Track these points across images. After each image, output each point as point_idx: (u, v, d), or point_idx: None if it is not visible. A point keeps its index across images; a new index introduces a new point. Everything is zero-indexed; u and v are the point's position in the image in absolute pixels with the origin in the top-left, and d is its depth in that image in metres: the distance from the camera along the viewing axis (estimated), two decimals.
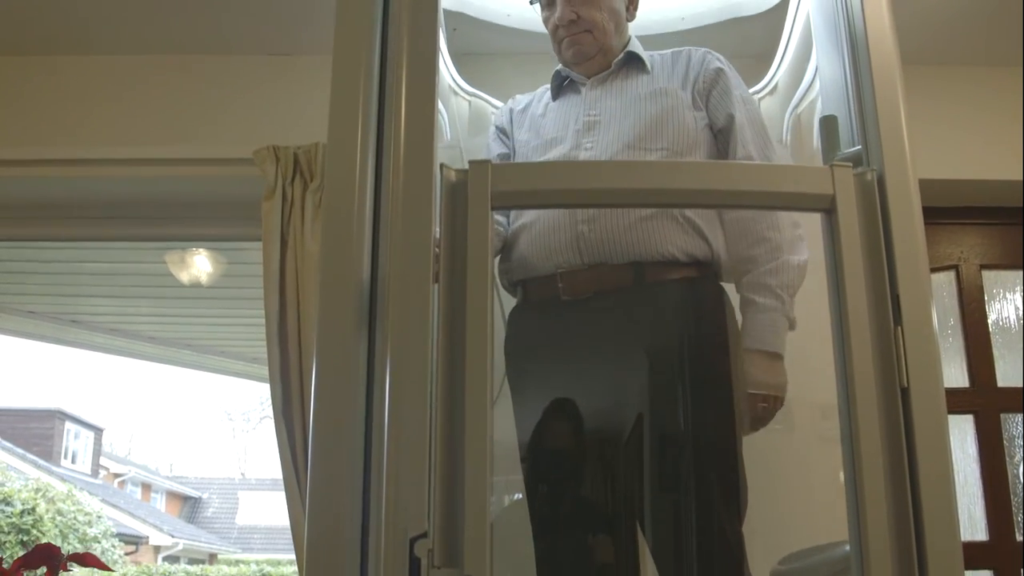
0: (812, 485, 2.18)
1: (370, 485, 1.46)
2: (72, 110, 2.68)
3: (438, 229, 1.48)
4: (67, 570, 2.46)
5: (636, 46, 2.23)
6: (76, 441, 19.21)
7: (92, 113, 2.67)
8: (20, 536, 7.64)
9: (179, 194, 2.73)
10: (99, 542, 9.15)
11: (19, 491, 8.95)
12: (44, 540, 7.72)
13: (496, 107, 2.57)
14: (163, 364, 4.72)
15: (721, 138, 2.10)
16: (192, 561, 17.68)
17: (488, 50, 2.67)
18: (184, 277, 3.69)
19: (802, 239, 2.02)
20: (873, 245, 1.47)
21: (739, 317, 2.01)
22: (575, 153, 2.09)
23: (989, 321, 2.83)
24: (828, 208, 1.50)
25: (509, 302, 2.16)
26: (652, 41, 2.46)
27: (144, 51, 2.72)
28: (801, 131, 2.39)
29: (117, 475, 20.45)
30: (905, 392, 1.40)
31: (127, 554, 12.00)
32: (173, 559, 16.81)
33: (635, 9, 2.26)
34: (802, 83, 2.35)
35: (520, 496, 2.08)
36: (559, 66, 2.26)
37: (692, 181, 1.57)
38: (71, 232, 2.85)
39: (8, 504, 7.64)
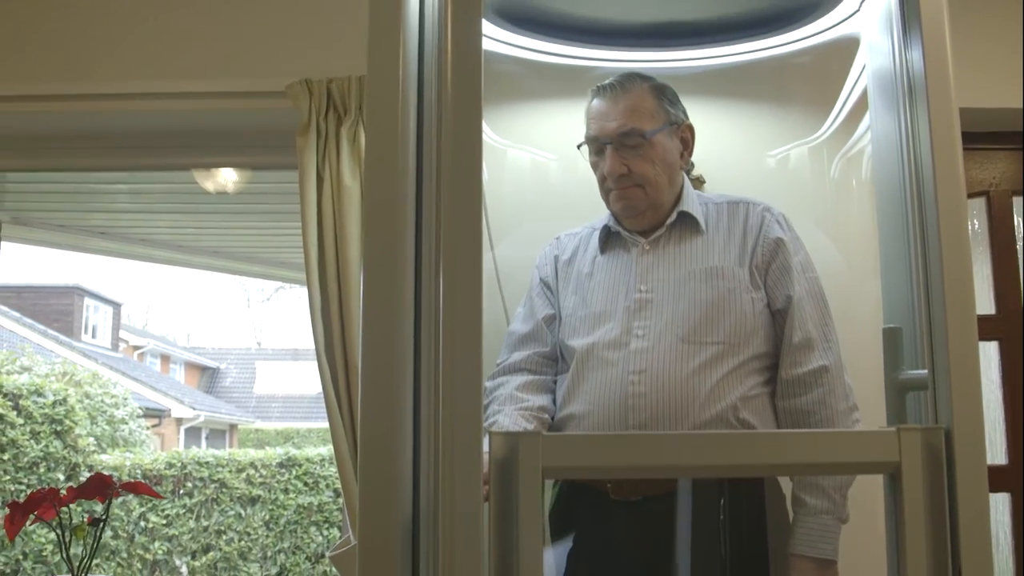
0: None
1: (420, 433, 1.53)
2: (108, 45, 2.65)
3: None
4: (119, 496, 2.56)
5: (690, 201, 2.11)
6: (96, 315, 19.48)
7: (127, 47, 2.65)
8: (54, 427, 7.84)
9: (212, 125, 2.73)
10: (126, 423, 9.39)
11: (47, 377, 9.16)
12: (76, 430, 7.93)
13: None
14: (194, 269, 4.78)
15: (779, 318, 2.04)
16: (213, 431, 18.13)
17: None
18: (210, 186, 3.71)
19: (857, 422, 1.98)
20: (937, 510, 1.44)
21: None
22: (626, 339, 2.00)
23: (1018, 248, 2.85)
24: (893, 472, 1.46)
25: None
26: (713, 80, 2.47)
27: None
28: (849, 169, 2.42)
29: (136, 348, 20.80)
30: None
31: (151, 427, 12.31)
32: (195, 430, 17.25)
33: (690, 155, 2.14)
34: (854, 134, 2.37)
35: None
36: (608, 220, 2.16)
37: (754, 455, 1.51)
38: (103, 163, 2.86)
39: (40, 395, 7.82)
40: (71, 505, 2.49)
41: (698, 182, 2.54)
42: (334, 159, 2.47)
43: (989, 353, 2.80)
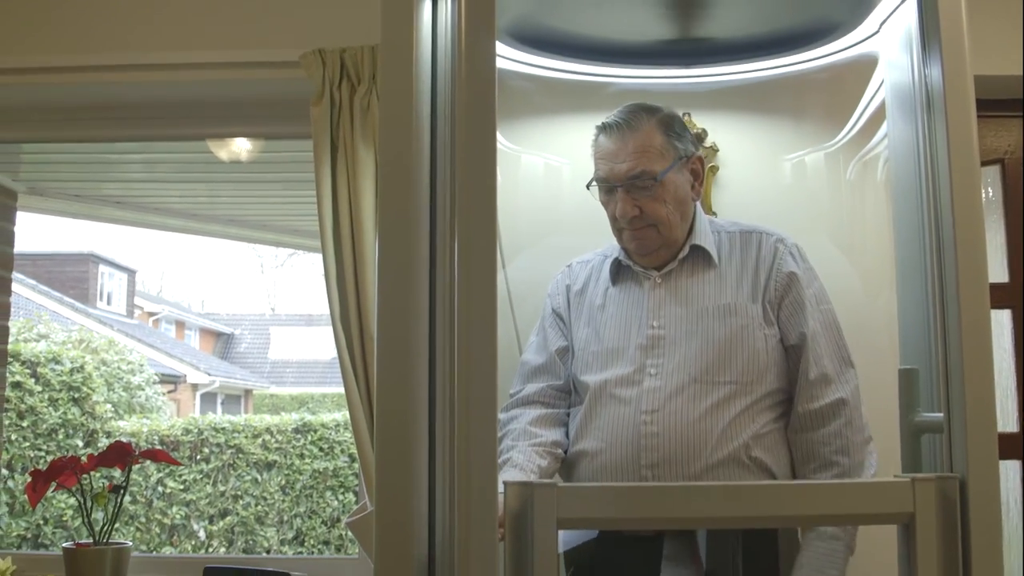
0: None
1: (435, 394, 1.55)
2: (123, 18, 2.67)
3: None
4: (139, 463, 2.60)
5: (703, 233, 2.10)
6: (111, 282, 19.58)
7: (142, 20, 2.66)
8: (71, 394, 7.92)
9: (227, 96, 2.75)
10: (143, 389, 9.47)
11: (64, 344, 9.23)
12: (94, 396, 8.00)
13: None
14: (208, 237, 4.81)
15: (792, 354, 2.03)
16: (228, 397, 18.26)
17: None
18: (224, 155, 3.72)
19: (871, 454, 1.97)
20: (951, 560, 1.44)
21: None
22: (639, 377, 2.01)
23: None
24: (907, 523, 1.46)
25: None
26: (732, 95, 2.50)
27: None
28: (865, 173, 2.43)
29: (151, 314, 20.90)
30: None
31: (167, 393, 12.41)
32: (210, 395, 17.38)
33: (701, 185, 2.12)
34: (871, 141, 2.38)
35: None
36: (619, 253, 2.15)
37: (768, 507, 1.52)
38: (118, 133, 2.89)
39: (58, 363, 7.89)
40: (91, 472, 2.54)
41: (712, 170, 2.56)
42: (348, 128, 2.48)
43: (1002, 321, 2.81)
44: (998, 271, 2.82)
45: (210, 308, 26.40)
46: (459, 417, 1.42)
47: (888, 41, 2.03)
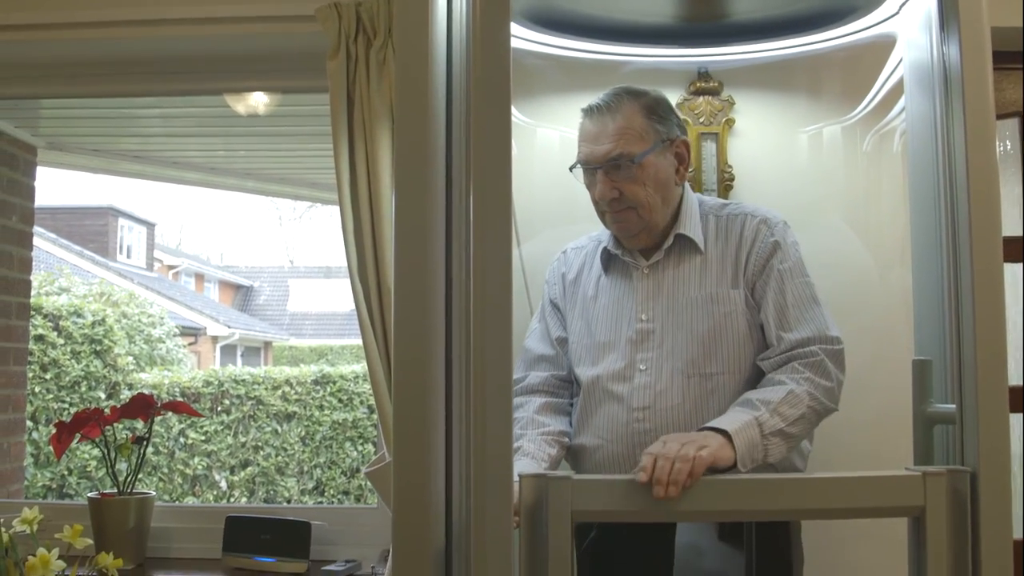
0: None
1: (452, 346, 1.57)
2: None
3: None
4: (161, 415, 2.64)
5: (689, 220, 2.09)
6: (130, 236, 19.69)
7: None
8: (93, 346, 8.00)
9: (243, 50, 2.75)
10: (164, 342, 9.56)
11: (85, 298, 9.31)
12: (115, 349, 8.08)
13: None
14: (226, 191, 4.83)
15: (764, 326, 2.03)
16: (248, 349, 18.41)
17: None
18: (241, 109, 3.73)
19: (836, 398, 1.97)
20: (960, 553, 1.45)
21: None
22: (629, 373, 2.04)
23: None
24: (917, 516, 1.48)
25: None
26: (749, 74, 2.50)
27: None
28: (881, 143, 2.42)
29: (171, 267, 21.04)
30: None
31: (187, 345, 12.51)
32: (230, 347, 17.52)
33: (686, 170, 2.11)
34: (888, 115, 2.37)
35: None
36: (609, 242, 2.15)
37: (779, 500, 1.56)
38: (136, 88, 2.90)
39: (79, 316, 7.96)
40: (115, 424, 2.58)
41: (729, 123, 2.57)
42: (364, 82, 2.48)
43: (1016, 275, 2.80)
44: (1014, 225, 2.81)
45: (229, 261, 26.55)
46: (475, 379, 1.45)
47: (908, 21, 2.03)
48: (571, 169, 2.12)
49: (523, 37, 2.45)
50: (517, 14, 2.32)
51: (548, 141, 2.65)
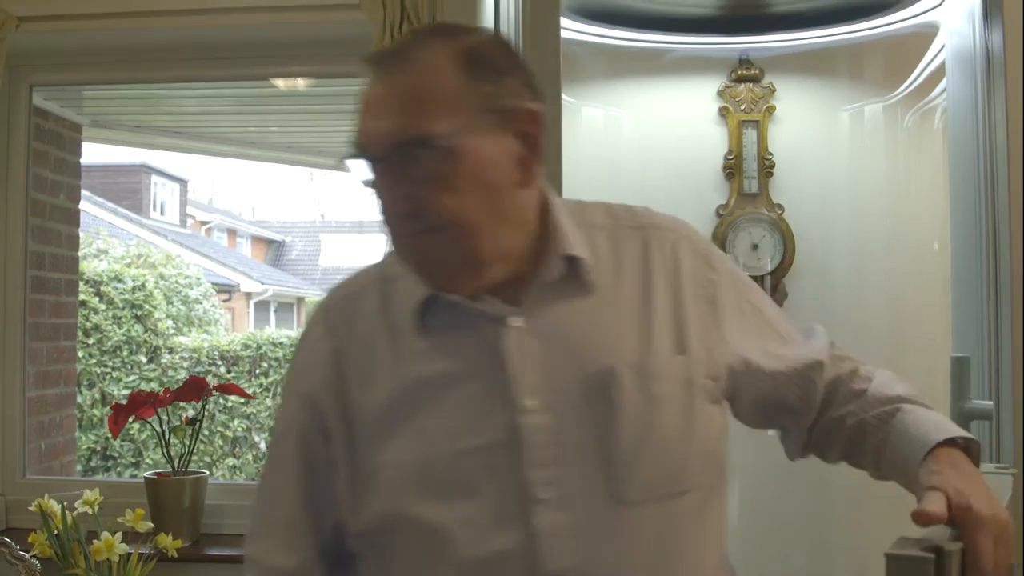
0: None
1: None
2: None
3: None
4: (211, 396, 2.73)
5: (566, 234, 1.21)
6: (163, 192, 19.83)
7: None
8: (134, 311, 8.13)
9: (288, 37, 2.78)
10: (200, 303, 9.68)
11: (123, 259, 9.44)
12: (155, 314, 8.21)
13: None
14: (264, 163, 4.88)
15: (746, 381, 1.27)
16: (281, 305, 18.58)
17: None
18: (281, 84, 3.77)
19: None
20: None
21: None
22: (522, 509, 1.13)
23: None
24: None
25: None
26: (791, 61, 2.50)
27: None
28: (922, 121, 2.43)
29: (203, 223, 21.19)
30: None
31: (223, 303, 12.66)
32: (263, 304, 17.69)
33: (538, 162, 1.18)
34: (930, 94, 2.37)
35: None
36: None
37: None
38: (181, 74, 2.96)
39: (120, 281, 8.09)
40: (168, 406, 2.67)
41: (770, 110, 2.59)
42: None
43: None
44: None
45: (260, 216, 26.66)
46: None
47: (950, 11, 2.05)
48: (342, 162, 1.21)
49: (567, 28, 2.47)
50: (564, 8, 2.34)
51: (593, 119, 2.67)
